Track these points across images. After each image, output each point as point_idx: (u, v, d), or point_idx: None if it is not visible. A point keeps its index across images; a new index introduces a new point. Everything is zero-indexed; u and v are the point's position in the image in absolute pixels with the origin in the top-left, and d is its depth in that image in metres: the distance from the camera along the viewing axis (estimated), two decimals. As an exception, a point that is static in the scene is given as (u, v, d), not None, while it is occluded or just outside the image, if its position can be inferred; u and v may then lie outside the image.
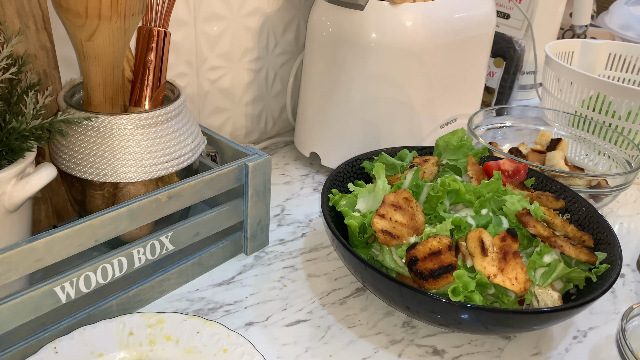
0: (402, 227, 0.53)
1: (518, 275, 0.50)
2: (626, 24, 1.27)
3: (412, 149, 0.69)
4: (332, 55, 0.73)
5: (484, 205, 0.57)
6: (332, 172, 0.63)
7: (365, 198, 0.58)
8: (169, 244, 0.54)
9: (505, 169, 0.67)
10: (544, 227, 0.55)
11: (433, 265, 0.49)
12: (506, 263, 0.50)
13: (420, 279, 0.49)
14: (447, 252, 0.50)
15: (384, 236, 0.52)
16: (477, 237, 0.52)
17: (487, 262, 0.50)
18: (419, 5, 0.71)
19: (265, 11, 0.80)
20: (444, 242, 0.51)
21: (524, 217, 0.55)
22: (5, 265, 0.42)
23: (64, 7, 0.48)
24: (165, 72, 0.57)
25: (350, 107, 0.75)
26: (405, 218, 0.54)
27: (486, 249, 0.51)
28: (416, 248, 0.50)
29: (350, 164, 0.66)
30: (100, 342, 0.46)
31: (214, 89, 0.79)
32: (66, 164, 0.53)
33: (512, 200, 0.57)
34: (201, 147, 0.59)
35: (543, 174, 0.67)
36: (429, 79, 0.76)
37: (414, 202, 0.56)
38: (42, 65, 0.54)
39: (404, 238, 0.53)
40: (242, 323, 0.54)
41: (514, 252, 0.51)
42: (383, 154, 0.67)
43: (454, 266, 0.50)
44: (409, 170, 0.61)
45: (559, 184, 0.65)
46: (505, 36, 1.02)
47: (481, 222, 0.55)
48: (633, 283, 0.65)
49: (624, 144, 0.80)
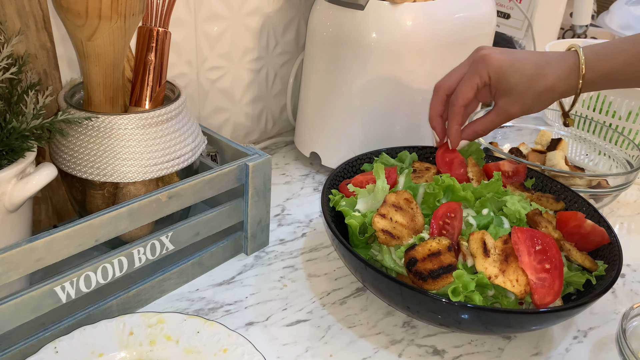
0: (403, 227, 0.53)
1: (519, 277, 0.49)
2: (626, 24, 1.27)
3: (413, 150, 0.69)
4: (333, 55, 0.73)
5: (484, 205, 0.57)
6: (332, 173, 0.63)
7: (365, 198, 0.57)
8: (169, 244, 0.54)
9: (505, 169, 0.66)
10: (554, 229, 0.55)
11: (433, 266, 0.49)
12: (507, 265, 0.50)
13: (419, 279, 0.49)
14: (446, 253, 0.50)
15: (384, 236, 0.52)
16: (480, 238, 0.52)
17: (489, 263, 0.50)
18: (419, 5, 0.71)
19: (265, 11, 0.80)
20: (443, 243, 0.51)
21: (536, 217, 0.55)
22: (5, 265, 0.42)
23: (65, 7, 0.48)
24: (165, 72, 0.57)
25: (350, 107, 0.75)
26: (406, 219, 0.54)
27: (488, 250, 0.51)
28: (415, 249, 0.50)
29: (350, 164, 0.66)
30: (100, 342, 0.46)
31: (214, 89, 0.79)
32: (66, 164, 0.53)
33: (513, 201, 0.57)
34: (201, 147, 0.59)
35: (543, 174, 0.67)
36: (429, 79, 0.76)
37: (414, 204, 0.56)
38: (42, 65, 0.54)
39: (404, 239, 0.53)
40: (242, 323, 0.54)
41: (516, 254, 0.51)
42: (384, 155, 0.67)
43: (454, 266, 0.49)
44: (401, 174, 0.62)
45: (559, 184, 0.65)
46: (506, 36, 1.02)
47: (482, 222, 0.55)
48: (633, 283, 0.65)
49: (624, 144, 0.80)
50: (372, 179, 0.60)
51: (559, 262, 0.50)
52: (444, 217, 0.54)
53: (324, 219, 0.56)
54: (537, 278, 0.50)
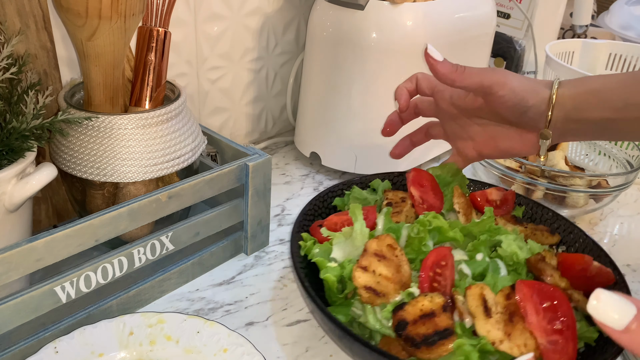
0: (388, 281, 0.46)
1: (527, 342, 0.42)
2: (626, 23, 1.27)
3: (385, 177, 0.62)
4: (333, 55, 0.73)
5: (478, 249, 0.50)
6: (301, 212, 0.56)
7: (341, 244, 0.50)
8: (169, 244, 0.54)
9: (493, 199, 0.60)
10: (561, 277, 0.48)
11: (426, 330, 0.42)
12: (513, 326, 0.43)
13: (411, 346, 0.42)
14: (441, 314, 0.43)
15: (367, 294, 0.45)
16: (479, 294, 0.44)
17: (492, 325, 0.43)
18: (419, 5, 0.71)
19: (265, 11, 0.80)
20: (437, 302, 0.44)
21: (539, 264, 0.49)
22: (5, 265, 0.42)
23: (65, 6, 0.48)
24: (165, 72, 0.57)
25: (351, 107, 0.75)
26: (391, 270, 0.46)
27: (489, 309, 0.43)
28: (405, 309, 0.43)
29: (320, 199, 0.59)
30: (100, 342, 0.46)
31: (214, 89, 0.79)
32: (66, 164, 0.53)
33: (508, 241, 0.50)
34: (201, 147, 0.59)
35: (532, 201, 0.61)
36: (429, 78, 0.76)
37: (398, 250, 0.48)
38: (42, 65, 0.54)
39: (390, 295, 0.45)
40: (242, 323, 0.54)
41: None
42: (355, 188, 0.60)
43: (451, 330, 0.42)
44: (380, 213, 0.54)
45: (551, 212, 0.59)
46: (506, 36, 1.02)
47: (477, 270, 0.48)
48: (633, 283, 0.65)
49: (624, 143, 0.80)
50: (347, 219, 0.52)
51: (572, 321, 0.43)
52: (434, 266, 0.47)
53: (295, 274, 0.49)
54: (547, 341, 0.42)
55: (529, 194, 0.73)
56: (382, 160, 0.78)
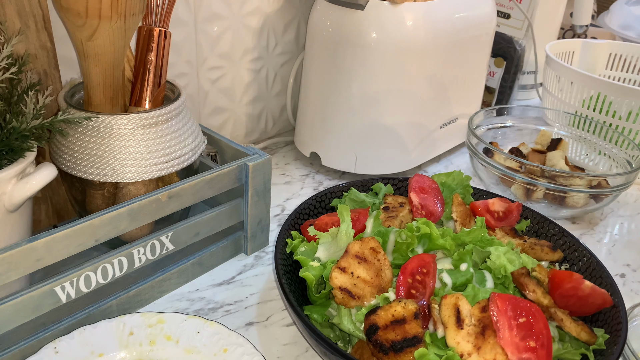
0: (365, 284, 0.45)
1: (498, 357, 0.40)
2: (627, 23, 1.27)
3: (388, 182, 0.62)
4: (332, 55, 0.73)
5: (463, 258, 0.49)
6: (295, 209, 0.55)
7: (326, 245, 0.49)
8: (169, 244, 0.54)
9: (495, 209, 0.58)
10: (544, 294, 0.47)
11: (395, 336, 0.41)
12: (484, 340, 0.41)
13: (379, 351, 0.41)
14: (412, 321, 0.42)
15: (342, 295, 0.45)
16: (453, 304, 0.43)
17: (462, 337, 0.42)
18: (420, 5, 0.71)
19: (265, 11, 0.80)
20: (410, 309, 0.43)
21: (522, 278, 0.47)
22: (5, 265, 0.42)
23: (65, 6, 0.48)
24: (165, 72, 0.57)
25: (350, 107, 0.75)
26: (370, 274, 0.46)
27: (462, 320, 0.42)
28: (377, 313, 0.43)
29: (317, 199, 0.58)
30: (100, 342, 0.46)
31: (214, 89, 0.79)
32: (66, 164, 0.53)
33: (498, 253, 0.48)
34: (201, 147, 0.59)
35: (539, 215, 0.60)
36: (429, 79, 0.76)
37: (382, 255, 0.47)
38: (42, 65, 0.54)
39: (366, 299, 0.45)
40: (242, 323, 0.54)
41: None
42: (352, 190, 0.59)
43: (419, 338, 0.42)
44: (369, 215, 0.53)
45: (558, 227, 0.57)
46: (506, 36, 1.02)
47: (459, 281, 0.47)
48: (633, 283, 0.65)
49: (625, 143, 0.80)
50: (337, 220, 0.52)
51: (547, 339, 0.41)
52: (415, 273, 0.46)
53: (274, 268, 0.48)
54: (518, 358, 0.41)
55: (529, 194, 0.73)
56: (382, 161, 0.78)
